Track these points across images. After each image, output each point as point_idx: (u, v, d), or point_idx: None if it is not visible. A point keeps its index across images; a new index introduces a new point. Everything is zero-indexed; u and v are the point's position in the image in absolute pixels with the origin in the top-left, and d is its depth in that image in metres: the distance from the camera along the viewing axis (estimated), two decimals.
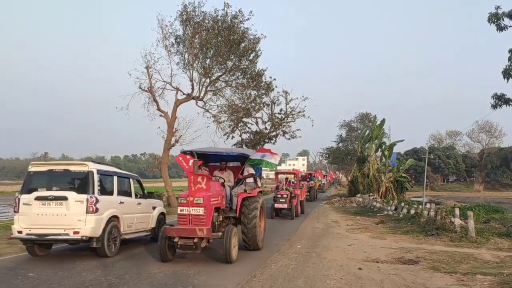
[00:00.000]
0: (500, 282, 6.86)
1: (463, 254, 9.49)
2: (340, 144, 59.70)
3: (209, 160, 10.68)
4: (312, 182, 33.94)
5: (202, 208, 8.11)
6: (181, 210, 8.21)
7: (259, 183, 10.57)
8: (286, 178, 21.35)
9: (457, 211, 13.44)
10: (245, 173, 10.20)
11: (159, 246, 8.38)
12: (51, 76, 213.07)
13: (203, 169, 9.87)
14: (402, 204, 20.87)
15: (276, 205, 18.55)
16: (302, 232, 14.05)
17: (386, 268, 8.23)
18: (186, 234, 8.03)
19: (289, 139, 33.14)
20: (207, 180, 8.32)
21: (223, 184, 9.66)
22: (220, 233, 8.54)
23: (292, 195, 19.14)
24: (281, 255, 9.62)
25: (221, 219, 9.09)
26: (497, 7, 13.53)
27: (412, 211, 17.63)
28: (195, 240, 8.00)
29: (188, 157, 9.75)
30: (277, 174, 22.20)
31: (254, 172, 10.22)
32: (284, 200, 18.44)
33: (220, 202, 8.91)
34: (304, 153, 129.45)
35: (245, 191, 9.85)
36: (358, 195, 30.93)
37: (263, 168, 11.35)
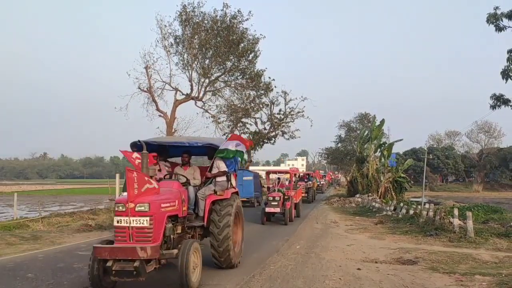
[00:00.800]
0: (499, 283, 6.87)
1: (461, 255, 9.50)
2: (339, 144, 59.79)
3: (169, 153, 8.85)
4: (310, 182, 32.68)
5: (147, 218, 5.93)
6: (118, 221, 5.97)
7: (233, 182, 8.61)
8: (279, 178, 19.62)
9: (456, 212, 13.45)
10: (215, 170, 8.13)
11: (89, 271, 6.15)
12: (50, 76, 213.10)
13: (161, 166, 8.13)
14: (401, 204, 20.86)
15: (268, 209, 16.40)
16: (301, 233, 14.05)
17: (385, 269, 8.24)
18: (122, 255, 5.78)
19: (288, 139, 33.22)
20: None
21: (185, 184, 7.70)
22: (175, 251, 6.30)
23: (286, 197, 17.13)
24: (280, 255, 9.62)
25: (179, 230, 7.08)
26: (496, 8, 13.57)
27: (411, 212, 17.64)
28: (136, 264, 5.74)
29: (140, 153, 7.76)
30: (268, 173, 20.19)
31: (226, 169, 8.14)
32: (276, 203, 16.32)
33: (178, 208, 6.87)
34: (303, 153, 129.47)
35: (215, 192, 7.84)
36: (357, 195, 30.91)
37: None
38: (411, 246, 10.95)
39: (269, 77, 28.40)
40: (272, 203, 16.42)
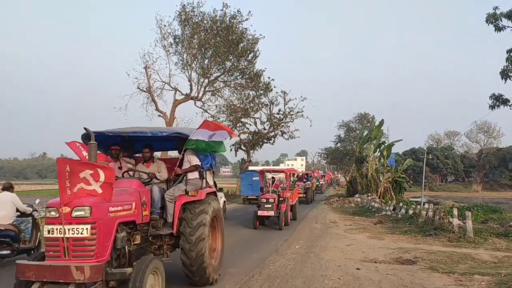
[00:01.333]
0: (498, 282, 6.88)
1: (461, 254, 9.51)
2: (339, 144, 59.82)
3: (134, 148, 7.34)
4: (308, 182, 31.77)
5: (88, 226, 4.59)
6: (49, 231, 4.63)
7: (210, 180, 7.26)
8: (273, 178, 18.04)
9: (455, 211, 13.45)
10: (186, 165, 6.71)
11: None
12: (50, 76, 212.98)
13: (123, 163, 6.84)
14: (401, 204, 20.86)
15: (260, 212, 14.68)
16: (300, 233, 14.04)
17: (384, 268, 8.23)
18: (52, 276, 4.42)
19: (288, 139, 33.28)
20: (107, 174, 4.67)
21: (148, 183, 6.37)
22: (130, 270, 4.82)
23: (281, 198, 15.47)
24: (279, 255, 9.61)
25: (138, 241, 5.67)
26: (495, 8, 13.58)
27: (411, 211, 17.64)
28: None
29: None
30: (262, 172, 18.63)
31: (199, 163, 6.74)
32: (270, 205, 14.57)
33: (135, 212, 5.50)
34: (302, 153, 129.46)
35: (187, 193, 6.47)
36: (357, 195, 30.89)
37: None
38: (410, 246, 10.95)
39: (269, 77, 28.48)
40: (266, 205, 14.67)
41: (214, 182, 7.65)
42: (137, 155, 7.45)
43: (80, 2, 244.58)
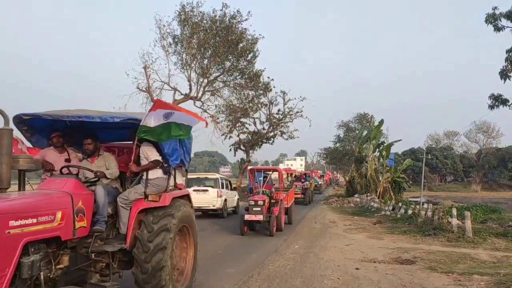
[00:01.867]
0: (497, 282, 6.88)
1: (460, 254, 9.52)
2: (338, 144, 59.87)
3: (81, 135, 5.59)
4: (307, 183, 30.80)
5: None
6: None
7: (181, 180, 5.99)
8: (265, 177, 16.14)
9: (454, 211, 13.46)
10: (143, 162, 5.29)
11: None
12: (50, 76, 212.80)
13: (71, 154, 5.49)
14: (400, 204, 20.90)
15: (247, 217, 12.80)
16: (299, 232, 14.04)
17: (383, 268, 8.24)
18: None
19: (287, 139, 33.27)
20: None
21: (92, 184, 5.06)
22: None
23: (273, 201, 13.76)
24: (279, 255, 9.61)
25: (65, 264, 4.21)
26: (495, 8, 13.58)
27: (410, 211, 17.66)
28: None
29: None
30: (252, 171, 16.18)
31: (159, 158, 5.27)
32: (258, 208, 12.80)
33: (60, 225, 4.10)
34: (302, 153, 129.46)
35: (146, 196, 5.07)
36: (356, 195, 30.91)
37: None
38: (409, 246, 10.96)
39: (268, 77, 28.49)
40: (254, 208, 12.84)
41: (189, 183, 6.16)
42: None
43: (80, 2, 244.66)
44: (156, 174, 5.29)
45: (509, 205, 34.61)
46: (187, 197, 5.87)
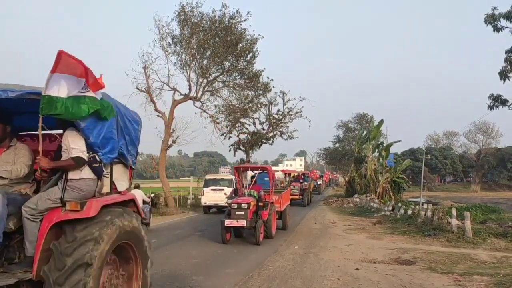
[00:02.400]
0: (497, 283, 6.89)
1: (460, 255, 9.52)
2: (337, 145, 59.81)
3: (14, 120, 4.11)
4: (305, 183, 29.69)
5: None
6: None
7: (122, 181, 4.36)
8: (252, 177, 14.46)
9: (454, 212, 13.47)
10: (64, 156, 3.77)
11: None
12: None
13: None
14: (399, 204, 20.91)
15: (228, 222, 11.12)
16: (299, 233, 14.04)
17: (383, 269, 8.24)
18: None
19: (287, 139, 33.17)
20: None
21: None
22: None
23: (261, 204, 11.91)
24: (278, 255, 9.61)
25: None
26: (494, 8, 13.60)
27: (409, 212, 17.67)
28: None
29: None
30: (237, 169, 14.35)
31: (82, 152, 3.67)
32: (242, 213, 11.09)
33: None
34: (301, 153, 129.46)
35: (63, 204, 3.54)
36: (356, 196, 30.91)
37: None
38: (409, 246, 10.97)
39: (268, 77, 28.42)
40: (237, 212, 11.10)
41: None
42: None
43: (80, 2, 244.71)
44: (79, 174, 3.72)
45: (509, 205, 34.61)
46: (132, 203, 4.27)
